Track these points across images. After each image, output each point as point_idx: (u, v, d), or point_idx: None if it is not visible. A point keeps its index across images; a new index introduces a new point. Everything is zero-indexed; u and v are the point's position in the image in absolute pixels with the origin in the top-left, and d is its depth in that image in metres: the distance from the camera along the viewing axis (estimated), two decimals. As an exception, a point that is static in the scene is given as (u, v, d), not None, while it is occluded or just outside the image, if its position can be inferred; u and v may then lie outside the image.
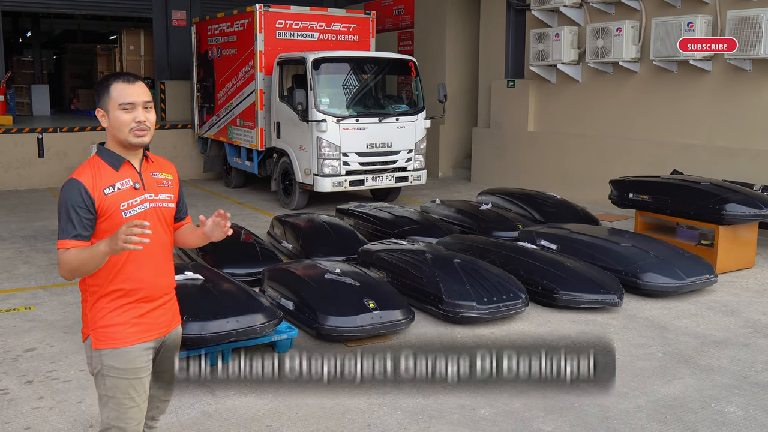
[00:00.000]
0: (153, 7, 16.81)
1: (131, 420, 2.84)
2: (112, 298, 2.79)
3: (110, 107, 2.77)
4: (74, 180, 2.73)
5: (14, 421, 4.27)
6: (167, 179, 2.95)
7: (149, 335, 2.86)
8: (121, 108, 2.76)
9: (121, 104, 2.76)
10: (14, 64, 19.66)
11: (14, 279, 7.44)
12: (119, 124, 2.77)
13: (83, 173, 2.76)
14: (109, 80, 2.81)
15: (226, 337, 5.02)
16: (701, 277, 6.74)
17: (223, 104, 13.27)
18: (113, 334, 2.77)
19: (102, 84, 2.82)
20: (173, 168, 3.05)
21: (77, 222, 2.68)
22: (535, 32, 12.14)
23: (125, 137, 2.78)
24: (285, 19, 11.92)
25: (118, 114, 2.77)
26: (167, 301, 2.96)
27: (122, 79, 2.79)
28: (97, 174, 2.75)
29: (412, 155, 11.26)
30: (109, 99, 2.78)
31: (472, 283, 6.04)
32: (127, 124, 2.76)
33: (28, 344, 5.54)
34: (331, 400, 4.56)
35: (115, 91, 2.77)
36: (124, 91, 2.77)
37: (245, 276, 6.76)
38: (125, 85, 2.78)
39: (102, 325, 2.78)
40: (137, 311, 2.81)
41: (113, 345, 2.78)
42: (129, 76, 2.82)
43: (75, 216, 2.68)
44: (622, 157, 11.05)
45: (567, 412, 4.40)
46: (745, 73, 9.53)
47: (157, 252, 2.86)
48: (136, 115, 2.77)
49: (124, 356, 2.78)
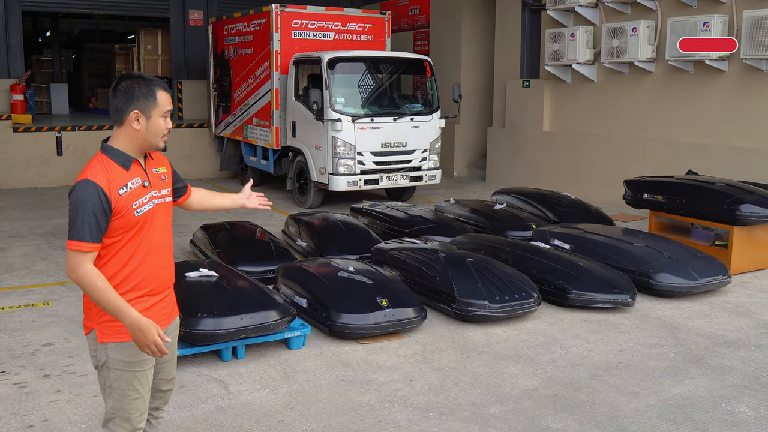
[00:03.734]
0: (170, 6, 16.93)
1: (135, 411, 2.90)
2: (120, 293, 2.82)
3: (154, 113, 2.83)
4: (90, 182, 2.73)
5: (32, 414, 4.35)
6: (163, 173, 3.02)
7: None
8: (164, 116, 2.86)
9: (166, 112, 2.87)
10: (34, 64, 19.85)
11: (33, 275, 7.56)
12: (158, 130, 2.85)
13: (97, 174, 2.75)
14: (152, 86, 2.83)
15: (240, 333, 5.08)
16: (715, 278, 6.73)
17: (239, 103, 13.36)
18: (120, 328, 2.81)
19: (146, 88, 2.82)
20: (166, 159, 3.12)
21: (95, 225, 2.70)
22: (550, 32, 12.12)
23: (157, 142, 2.89)
24: (301, 19, 11.99)
25: (160, 121, 2.85)
26: (168, 294, 3.05)
27: (164, 88, 2.88)
28: (110, 175, 2.77)
29: (427, 155, 11.28)
30: (155, 105, 2.83)
31: (484, 281, 6.06)
32: (162, 131, 2.87)
33: (46, 339, 5.64)
34: (342, 396, 4.61)
35: (161, 98, 2.84)
36: (166, 99, 2.87)
37: (260, 273, 6.84)
38: (166, 94, 2.88)
39: (108, 319, 2.83)
40: (143, 305, 2.86)
41: (119, 338, 2.84)
42: (165, 84, 2.93)
43: (93, 219, 2.69)
44: (637, 158, 11.02)
45: (577, 411, 4.42)
46: (761, 73, 9.48)
47: (161, 247, 2.94)
48: (168, 123, 2.89)
49: (131, 349, 2.84)
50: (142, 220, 2.83)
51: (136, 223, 2.82)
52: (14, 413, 4.35)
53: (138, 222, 2.82)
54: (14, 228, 9.95)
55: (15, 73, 15.10)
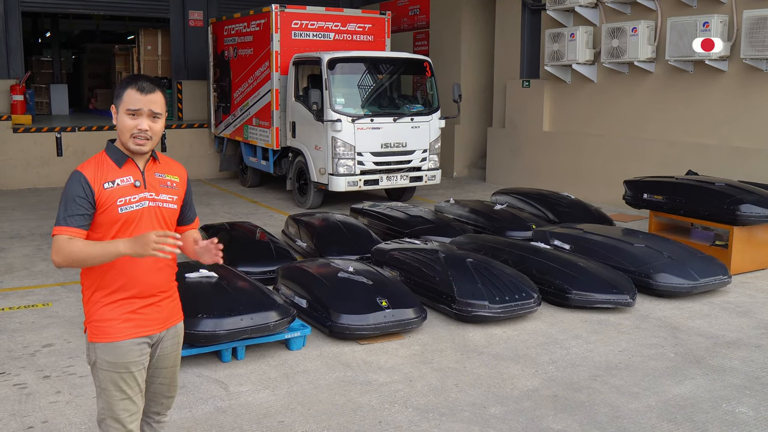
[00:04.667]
0: (170, 7, 16.92)
1: (123, 411, 2.89)
2: (106, 293, 2.84)
3: (120, 109, 2.86)
4: (77, 172, 2.82)
5: (32, 415, 4.35)
6: (172, 181, 2.99)
7: (142, 331, 2.89)
8: (128, 113, 2.83)
9: (128, 110, 2.83)
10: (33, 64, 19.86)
11: (33, 276, 7.56)
12: (122, 127, 2.85)
13: (87, 166, 2.84)
14: (126, 83, 2.87)
15: (240, 334, 5.08)
16: (715, 278, 6.73)
17: (239, 104, 13.36)
18: (106, 329, 2.83)
19: (121, 84, 2.89)
20: (183, 171, 3.09)
21: (76, 211, 2.75)
22: (550, 32, 12.12)
23: (125, 141, 2.86)
24: (301, 20, 11.99)
25: (123, 117, 2.84)
26: (163, 299, 2.98)
27: (137, 87, 2.83)
28: (99, 168, 2.83)
29: (427, 155, 11.28)
30: (120, 102, 2.86)
31: (484, 282, 6.06)
32: (128, 130, 2.84)
33: (46, 340, 5.64)
34: (343, 397, 4.61)
35: (127, 96, 2.84)
36: (134, 98, 2.83)
37: (260, 274, 6.84)
38: (137, 93, 2.83)
39: (96, 319, 2.85)
40: (130, 307, 2.86)
41: (106, 339, 2.85)
42: (145, 84, 2.85)
43: (74, 205, 2.76)
44: (637, 158, 11.02)
45: (577, 411, 4.42)
46: (761, 73, 9.48)
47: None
48: (139, 123, 2.83)
49: (116, 350, 2.84)
50: (125, 218, 2.81)
51: (118, 220, 2.80)
52: (14, 414, 4.35)
53: (120, 219, 2.80)
54: (14, 229, 9.95)
55: (15, 74, 15.09)
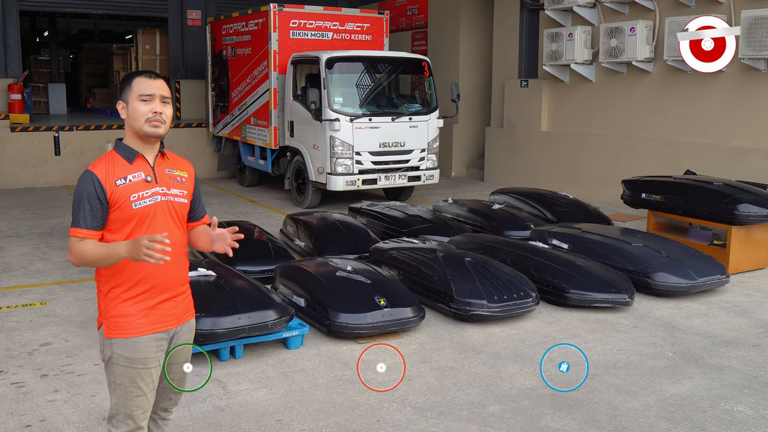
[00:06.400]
0: (168, 6, 16.91)
1: (137, 408, 2.91)
2: (123, 289, 2.86)
3: (130, 98, 2.90)
4: (89, 172, 2.85)
5: (29, 414, 4.34)
6: (181, 176, 3.04)
7: (159, 326, 2.92)
8: (141, 99, 2.89)
9: (141, 95, 2.88)
10: (31, 63, 19.83)
11: (31, 275, 7.54)
12: (137, 114, 2.88)
13: (98, 165, 2.88)
14: (132, 75, 2.96)
15: (238, 332, 5.08)
16: (713, 278, 6.73)
17: (237, 103, 13.35)
18: (123, 324, 2.85)
19: (125, 79, 2.98)
20: (190, 167, 3.14)
21: (89, 212, 2.80)
22: (548, 32, 12.13)
23: (141, 127, 2.89)
24: (299, 19, 11.98)
25: (136, 104, 2.89)
26: (179, 294, 3.02)
27: (144, 75, 2.94)
28: (110, 166, 2.87)
29: (425, 154, 11.28)
30: (130, 91, 2.91)
31: (482, 281, 6.06)
32: (144, 114, 2.88)
33: (44, 339, 5.63)
34: (341, 396, 4.60)
35: (136, 84, 2.91)
36: (144, 84, 2.90)
37: (258, 273, 6.83)
38: (146, 79, 2.92)
39: (113, 315, 2.87)
40: (147, 303, 2.88)
41: (123, 335, 2.86)
42: (150, 73, 2.97)
43: (87, 206, 2.80)
44: (635, 157, 11.03)
45: (575, 410, 4.42)
46: (759, 73, 9.49)
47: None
48: (153, 107, 2.89)
49: (134, 346, 2.86)
50: (140, 213, 2.85)
51: (133, 215, 2.83)
52: (12, 413, 4.34)
53: (135, 215, 2.84)
54: (12, 227, 9.93)
55: (13, 73, 15.08)
